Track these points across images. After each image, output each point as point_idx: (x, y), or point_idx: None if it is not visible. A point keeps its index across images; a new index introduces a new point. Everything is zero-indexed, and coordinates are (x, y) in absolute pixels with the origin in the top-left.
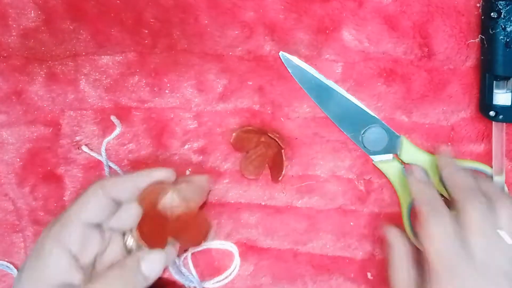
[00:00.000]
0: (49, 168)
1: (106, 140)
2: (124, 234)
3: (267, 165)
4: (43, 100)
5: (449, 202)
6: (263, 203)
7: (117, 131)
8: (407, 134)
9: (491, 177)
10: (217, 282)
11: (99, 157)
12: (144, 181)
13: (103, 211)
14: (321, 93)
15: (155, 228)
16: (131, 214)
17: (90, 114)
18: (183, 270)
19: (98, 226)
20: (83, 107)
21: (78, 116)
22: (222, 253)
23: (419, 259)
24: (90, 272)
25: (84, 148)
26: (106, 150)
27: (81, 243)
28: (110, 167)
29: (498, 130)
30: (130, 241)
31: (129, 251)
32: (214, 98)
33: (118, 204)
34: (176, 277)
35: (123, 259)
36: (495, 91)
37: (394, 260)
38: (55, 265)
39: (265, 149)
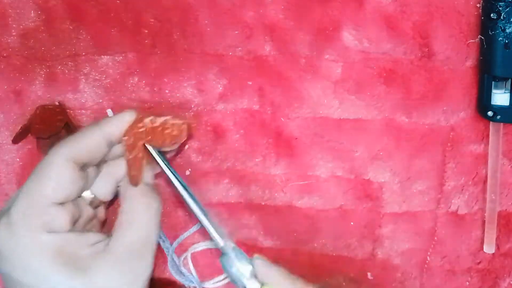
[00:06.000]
0: None
1: None
2: None
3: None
4: (42, 100)
5: None
6: (263, 203)
7: None
8: (408, 135)
9: None
10: (217, 282)
11: None
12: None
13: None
14: None
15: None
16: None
17: (89, 114)
18: (183, 270)
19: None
20: (83, 107)
21: (78, 116)
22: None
23: None
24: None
25: None
26: None
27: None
28: None
29: (495, 130)
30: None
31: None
32: (214, 98)
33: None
34: (176, 277)
35: None
36: (493, 91)
37: None
38: (58, 177)
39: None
